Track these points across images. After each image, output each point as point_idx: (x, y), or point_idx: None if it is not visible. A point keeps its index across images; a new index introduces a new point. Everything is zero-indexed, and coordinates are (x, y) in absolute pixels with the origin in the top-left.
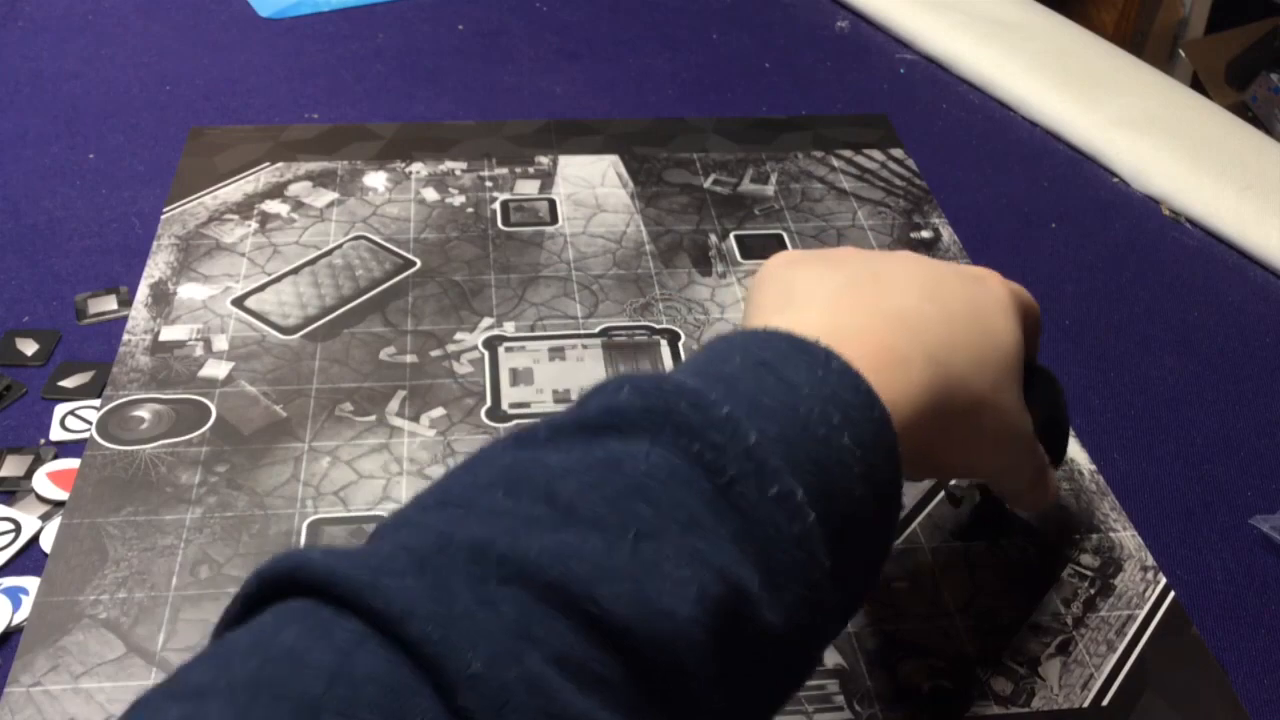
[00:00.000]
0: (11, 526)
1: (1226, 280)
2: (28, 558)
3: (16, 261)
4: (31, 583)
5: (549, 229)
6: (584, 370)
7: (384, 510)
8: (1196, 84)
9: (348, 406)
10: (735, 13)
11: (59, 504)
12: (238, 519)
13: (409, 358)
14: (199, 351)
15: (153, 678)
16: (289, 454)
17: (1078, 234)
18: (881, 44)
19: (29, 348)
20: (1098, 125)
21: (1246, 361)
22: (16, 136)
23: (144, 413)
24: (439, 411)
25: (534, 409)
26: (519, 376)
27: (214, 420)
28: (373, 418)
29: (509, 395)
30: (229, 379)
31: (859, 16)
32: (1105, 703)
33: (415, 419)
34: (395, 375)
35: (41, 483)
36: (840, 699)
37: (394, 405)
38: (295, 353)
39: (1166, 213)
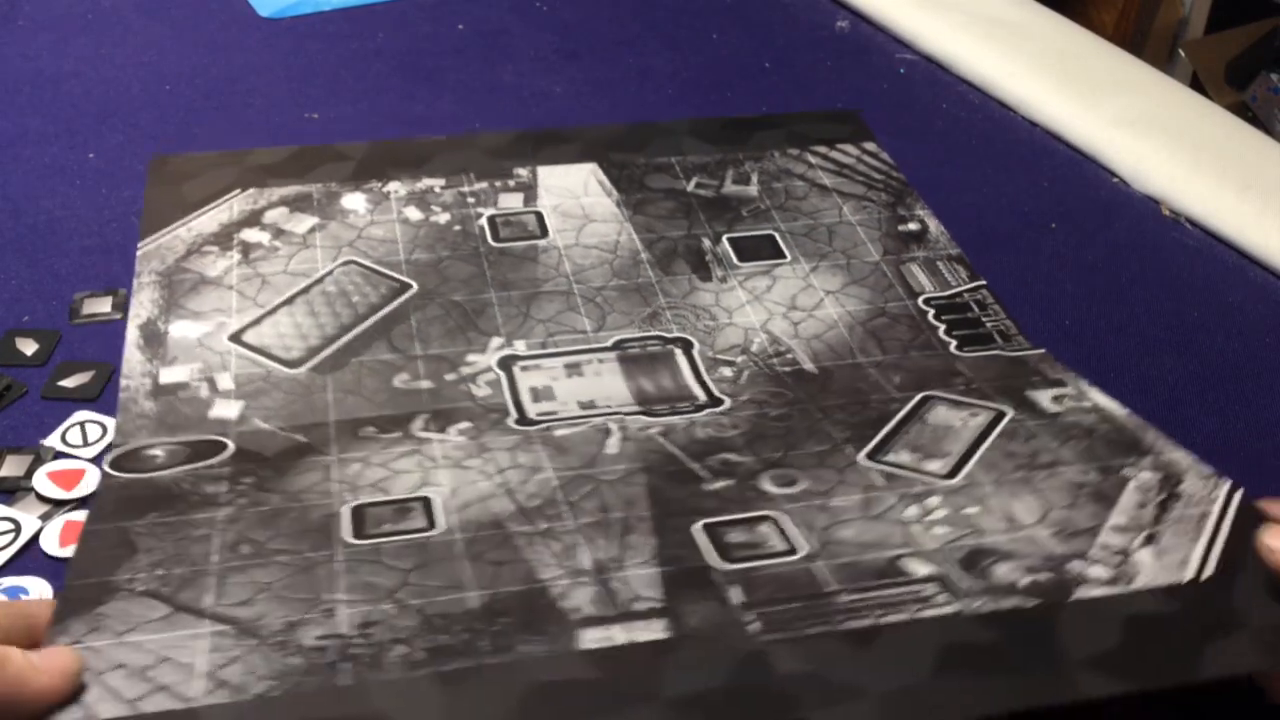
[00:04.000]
0: (11, 526)
1: (1226, 280)
2: (28, 558)
3: (16, 261)
4: (32, 583)
5: (541, 243)
6: (604, 384)
7: (429, 492)
8: (1196, 84)
9: (370, 430)
10: (735, 13)
11: (59, 503)
12: (274, 511)
13: (424, 383)
14: (204, 393)
15: (207, 629)
16: (318, 464)
17: (1078, 234)
18: (881, 44)
19: (29, 348)
20: (1098, 125)
21: (1246, 361)
22: (16, 136)
23: (158, 451)
24: (466, 424)
25: (563, 415)
26: (540, 394)
27: (234, 450)
28: (398, 434)
29: (534, 409)
30: (242, 418)
31: (859, 16)
32: (1204, 578)
33: (442, 431)
34: (413, 401)
35: (41, 483)
36: (943, 598)
37: (418, 424)
38: (305, 386)
39: (1166, 213)
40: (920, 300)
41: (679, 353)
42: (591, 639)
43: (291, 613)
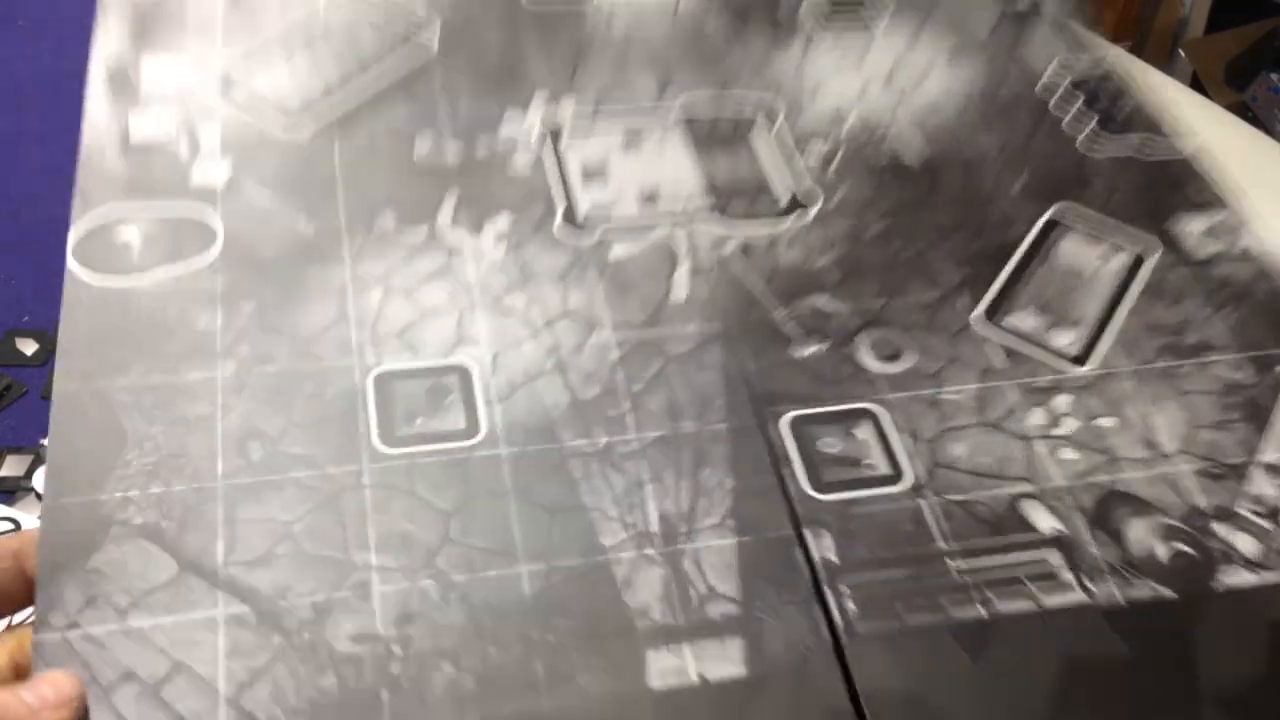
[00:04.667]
0: (11, 526)
1: None
2: None
3: (16, 261)
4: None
5: (588, 7)
6: (668, 163)
7: (462, 358)
8: (1196, 84)
9: (389, 218)
10: None
11: None
12: (283, 375)
13: (450, 155)
14: (184, 150)
15: (220, 606)
16: (329, 283)
17: None
18: None
19: (29, 348)
20: None
21: None
22: (16, 136)
23: (131, 235)
24: (504, 220)
25: (617, 217)
26: (591, 172)
27: (222, 240)
28: (423, 231)
29: (583, 198)
30: (231, 186)
31: None
32: None
33: (476, 230)
34: (439, 178)
35: (41, 483)
36: (1069, 576)
37: (446, 213)
38: (308, 151)
39: None
40: (1051, 70)
41: (756, 132)
42: (661, 670)
43: (319, 586)
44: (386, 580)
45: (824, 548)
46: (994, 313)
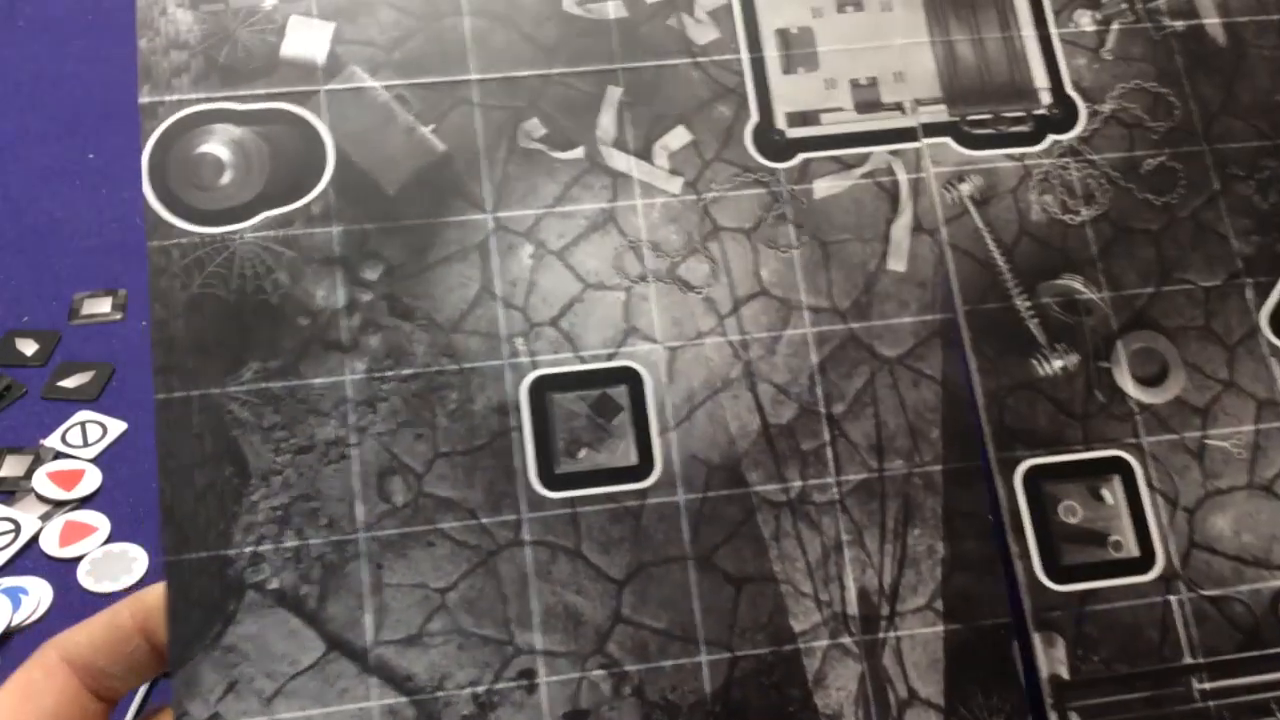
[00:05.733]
0: (11, 526)
1: None
2: (28, 558)
3: (16, 261)
4: (32, 583)
5: None
6: (897, 27)
7: (629, 356)
8: None
9: (536, 128)
10: None
11: (59, 503)
12: (422, 382)
13: (611, 7)
14: (269, 3)
15: (374, 696)
16: (467, 237)
17: None
18: None
19: (29, 348)
20: None
21: None
22: (16, 136)
23: (218, 147)
24: (680, 136)
25: (829, 128)
26: (793, 44)
27: (333, 165)
28: (580, 152)
29: (783, 92)
30: (334, 63)
31: None
32: None
33: (645, 152)
34: (597, 49)
35: (41, 483)
36: None
37: (607, 123)
38: (429, 5)
39: None
40: None
41: None
42: None
43: (480, 674)
44: (553, 669)
45: (1054, 660)
46: None
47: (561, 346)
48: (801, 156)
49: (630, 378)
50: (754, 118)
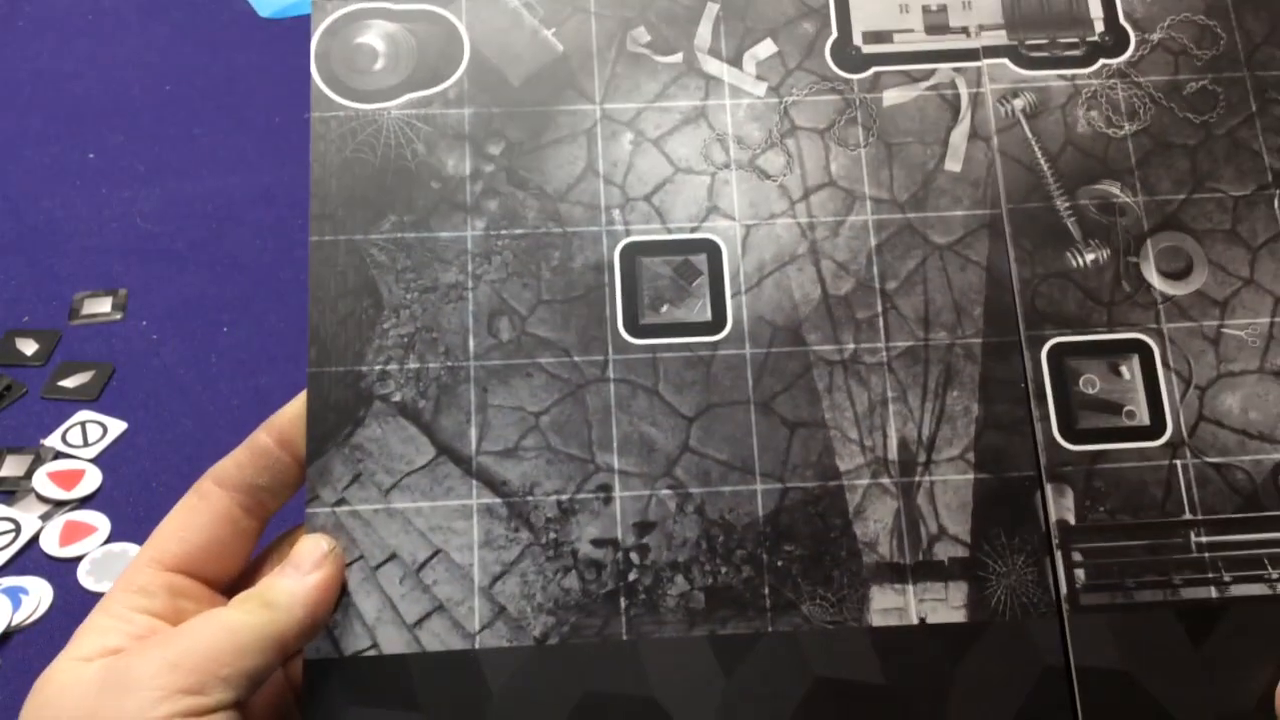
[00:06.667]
0: (11, 526)
1: None
2: (28, 558)
3: (16, 261)
4: (32, 583)
5: None
6: None
7: (710, 231)
8: None
9: (643, 36)
10: None
11: (59, 503)
12: (530, 241)
13: None
14: None
15: (474, 495)
16: (577, 124)
17: None
18: None
19: (29, 348)
20: None
21: None
22: (16, 136)
23: (375, 39)
24: (767, 47)
25: (900, 46)
26: None
27: (469, 57)
28: (679, 57)
29: (861, 14)
30: None
31: None
32: None
33: (736, 60)
34: None
35: (41, 483)
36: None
37: (704, 33)
38: None
39: None
40: None
41: None
42: (882, 609)
43: (565, 484)
44: (627, 486)
45: (1063, 507)
46: None
47: (652, 219)
48: (874, 69)
49: (709, 248)
50: (834, 34)
